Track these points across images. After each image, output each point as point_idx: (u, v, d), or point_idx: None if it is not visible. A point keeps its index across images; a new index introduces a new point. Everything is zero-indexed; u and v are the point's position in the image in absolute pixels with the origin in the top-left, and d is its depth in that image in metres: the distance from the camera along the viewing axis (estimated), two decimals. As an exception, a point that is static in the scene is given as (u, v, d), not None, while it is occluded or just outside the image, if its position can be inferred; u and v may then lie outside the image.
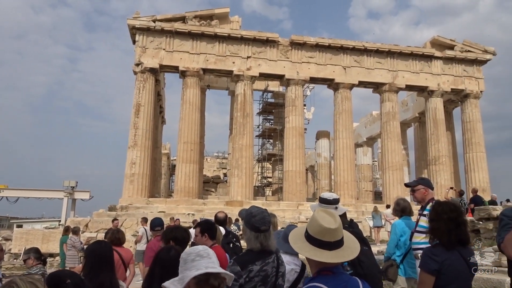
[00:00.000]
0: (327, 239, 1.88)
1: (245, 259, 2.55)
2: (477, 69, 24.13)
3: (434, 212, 2.74)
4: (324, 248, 1.88)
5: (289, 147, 21.55)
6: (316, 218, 1.94)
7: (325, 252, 1.88)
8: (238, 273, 2.42)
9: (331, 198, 3.47)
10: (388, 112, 22.83)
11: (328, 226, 1.89)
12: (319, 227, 1.90)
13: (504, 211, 2.60)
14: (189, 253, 1.82)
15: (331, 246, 1.89)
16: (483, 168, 23.10)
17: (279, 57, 21.90)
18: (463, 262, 2.55)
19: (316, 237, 1.90)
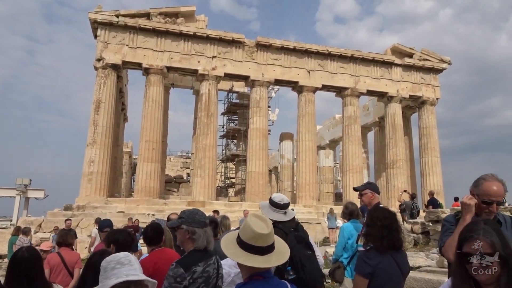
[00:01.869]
0: (259, 244, 1.90)
1: (188, 260, 2.54)
2: (433, 77, 25.16)
3: (369, 218, 2.85)
4: (256, 253, 1.90)
5: (252, 148, 21.63)
6: (249, 223, 1.95)
7: (257, 257, 1.89)
8: (182, 275, 2.41)
9: (281, 203, 3.45)
10: (350, 116, 23.38)
11: (260, 232, 1.91)
12: (252, 233, 1.92)
13: (446, 217, 2.68)
14: (109, 261, 1.79)
15: (263, 251, 1.91)
16: (438, 172, 24.11)
17: (245, 58, 21.95)
18: (395, 265, 2.67)
19: (248, 243, 1.91)
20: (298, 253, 3.07)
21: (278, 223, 3.44)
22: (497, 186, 2.38)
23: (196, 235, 2.61)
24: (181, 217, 2.72)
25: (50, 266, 4.78)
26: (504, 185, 2.43)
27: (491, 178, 2.42)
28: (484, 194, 2.39)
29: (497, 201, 2.37)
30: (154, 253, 3.37)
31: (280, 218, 3.41)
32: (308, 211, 20.95)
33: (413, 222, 11.12)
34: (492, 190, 2.36)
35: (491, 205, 2.37)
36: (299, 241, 3.23)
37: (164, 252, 3.24)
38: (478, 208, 2.43)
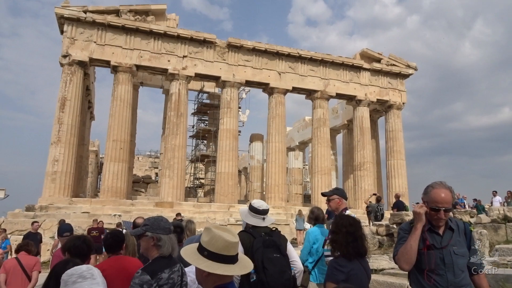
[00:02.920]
0: (232, 253, 1.93)
1: (154, 267, 2.51)
2: (400, 82, 25.89)
3: (334, 225, 2.89)
4: (229, 262, 1.92)
5: (222, 149, 21.56)
6: (219, 235, 1.97)
7: (231, 266, 1.92)
8: (148, 282, 2.39)
9: (260, 209, 3.51)
10: (319, 118, 23.70)
11: (232, 240, 1.94)
12: (225, 243, 1.93)
13: (402, 225, 2.70)
14: (70, 274, 1.74)
15: (234, 259, 1.95)
16: (403, 174, 24.82)
17: (216, 59, 21.85)
18: (364, 271, 2.73)
19: (221, 253, 1.92)
20: (261, 256, 3.10)
21: (249, 228, 3.47)
22: (444, 193, 2.41)
23: (161, 241, 2.60)
24: (146, 224, 2.69)
25: (6, 271, 4.67)
26: (452, 192, 2.46)
27: (439, 185, 2.46)
28: (432, 202, 2.43)
29: (445, 208, 2.40)
30: (108, 260, 3.29)
31: (258, 223, 3.47)
32: (277, 212, 21.07)
33: (378, 224, 11.39)
34: (439, 198, 2.40)
35: (439, 212, 2.40)
36: (268, 245, 3.25)
37: (119, 260, 3.15)
38: (429, 215, 2.47)
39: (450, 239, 2.47)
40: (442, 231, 2.50)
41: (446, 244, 2.45)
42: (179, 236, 4.09)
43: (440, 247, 2.45)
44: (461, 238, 2.51)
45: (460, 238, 2.51)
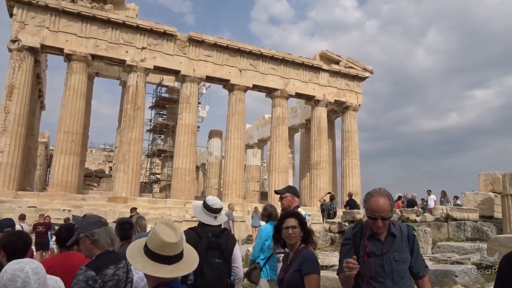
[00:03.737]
0: (167, 253, 1.82)
1: (98, 263, 2.43)
2: (357, 84, 26.64)
3: (280, 221, 2.91)
4: (164, 262, 1.82)
5: (180, 144, 21.25)
6: (157, 232, 1.86)
7: (164, 266, 1.82)
8: (93, 278, 2.31)
9: (214, 207, 3.42)
10: (278, 116, 23.92)
11: (169, 241, 1.83)
12: (160, 242, 1.82)
13: (346, 232, 2.62)
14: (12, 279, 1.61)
15: (171, 260, 1.84)
16: (356, 174, 25.58)
17: (176, 52, 21.47)
18: None
19: (156, 252, 1.83)
20: (202, 260, 3.04)
21: (198, 227, 3.41)
22: (382, 201, 2.33)
23: (96, 235, 2.54)
24: (76, 228, 2.64)
25: None
26: (391, 199, 2.40)
27: (377, 193, 2.39)
28: (370, 210, 2.37)
29: (381, 216, 2.32)
30: (57, 256, 3.14)
31: (209, 221, 3.38)
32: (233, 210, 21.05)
33: (331, 222, 11.67)
34: (376, 206, 2.33)
35: (376, 220, 2.33)
36: (212, 247, 3.20)
37: (69, 257, 3.01)
38: (369, 223, 2.42)
39: (391, 246, 2.40)
40: (384, 237, 2.42)
41: (387, 251, 2.39)
42: (128, 233, 3.97)
43: (381, 254, 2.38)
44: (404, 243, 2.44)
45: (403, 243, 2.44)
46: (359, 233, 2.49)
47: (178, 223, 17.53)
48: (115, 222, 4.53)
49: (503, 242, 5.98)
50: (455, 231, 10.01)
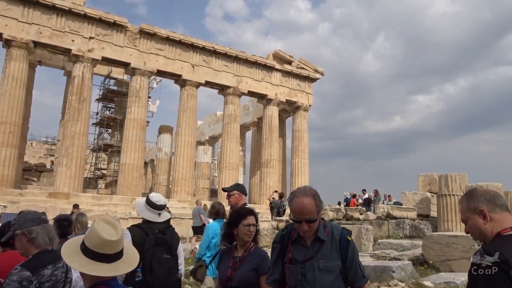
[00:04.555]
0: (107, 251, 1.76)
1: (35, 263, 2.30)
2: (308, 85, 27.22)
3: (237, 218, 2.89)
4: (103, 261, 1.75)
5: (128, 139, 20.64)
6: (96, 229, 1.79)
7: (103, 265, 1.75)
8: (28, 278, 2.17)
9: (158, 203, 3.36)
10: (230, 114, 23.90)
11: (109, 238, 1.76)
12: (99, 240, 1.75)
13: (276, 235, 2.38)
14: None
15: (111, 258, 1.77)
16: (305, 173, 26.16)
17: (126, 44, 20.79)
18: None
19: (94, 250, 1.75)
20: (151, 256, 3.00)
21: (143, 224, 3.34)
22: (307, 202, 2.07)
23: (33, 233, 2.40)
24: (13, 224, 2.48)
25: None
26: (317, 199, 2.11)
27: (301, 193, 2.12)
28: (293, 211, 2.11)
29: (306, 218, 2.06)
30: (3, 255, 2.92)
31: (153, 218, 3.33)
32: (182, 206, 20.80)
33: (279, 219, 11.85)
34: (299, 208, 2.07)
35: (301, 223, 2.07)
36: (159, 244, 3.16)
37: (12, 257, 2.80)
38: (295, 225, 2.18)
39: (317, 252, 2.11)
40: (310, 241, 2.14)
41: (311, 257, 2.11)
42: (66, 230, 3.81)
43: (303, 261, 2.11)
44: (334, 249, 2.13)
45: (333, 249, 2.12)
46: (287, 236, 2.25)
47: (124, 221, 17.02)
48: (54, 219, 4.33)
49: (437, 240, 6.37)
50: (394, 228, 10.53)
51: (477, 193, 1.74)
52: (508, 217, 1.67)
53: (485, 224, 1.66)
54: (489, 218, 1.65)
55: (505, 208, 1.68)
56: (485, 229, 1.66)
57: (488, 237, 1.65)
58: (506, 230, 1.62)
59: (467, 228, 1.75)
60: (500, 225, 1.64)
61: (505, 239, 1.59)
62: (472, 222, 1.70)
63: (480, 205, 1.69)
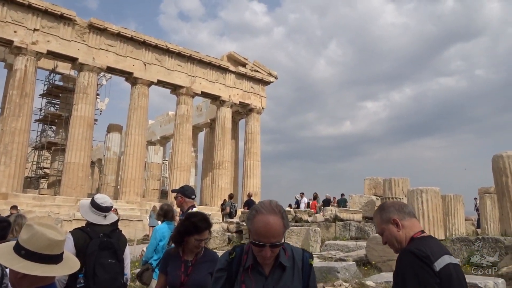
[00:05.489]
0: (56, 252, 1.75)
1: None
2: (262, 88, 27.49)
3: (193, 229, 2.81)
4: (51, 262, 1.73)
5: (74, 137, 19.76)
6: (42, 232, 1.76)
7: (53, 266, 1.73)
8: None
9: (103, 205, 3.22)
10: (183, 114, 23.59)
11: (57, 239, 1.75)
12: (48, 241, 1.72)
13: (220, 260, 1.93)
14: None
15: (58, 259, 1.76)
16: (257, 175, 26.37)
17: (74, 38, 19.93)
18: None
19: (43, 253, 1.71)
20: (94, 261, 2.88)
21: (87, 227, 3.20)
22: (273, 222, 1.64)
23: None
24: None
25: None
26: (285, 218, 1.69)
27: (267, 210, 1.67)
28: (255, 233, 1.66)
29: (271, 242, 1.63)
30: None
31: (98, 221, 3.18)
32: (131, 207, 20.23)
33: (229, 221, 11.85)
34: (263, 229, 1.63)
35: (263, 248, 1.64)
36: (104, 248, 3.04)
37: None
38: (252, 249, 1.72)
39: (278, 281, 1.74)
40: (270, 268, 1.76)
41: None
42: (5, 232, 3.57)
43: None
44: (296, 277, 1.78)
45: (294, 277, 1.77)
46: (236, 261, 1.79)
47: (67, 222, 16.29)
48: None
49: (379, 241, 6.64)
50: (341, 230, 10.89)
51: (388, 206, 1.91)
52: (416, 223, 1.87)
53: (398, 232, 1.82)
54: (401, 225, 1.82)
55: (412, 215, 1.87)
56: (400, 236, 1.82)
57: (403, 243, 1.81)
58: (417, 233, 1.81)
59: (384, 238, 1.89)
60: (412, 230, 1.81)
61: (420, 240, 1.77)
62: (387, 232, 1.85)
63: (391, 216, 1.84)
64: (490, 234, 10.86)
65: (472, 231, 13.36)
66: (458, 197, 11.53)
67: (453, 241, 7.81)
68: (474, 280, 5.18)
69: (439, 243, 1.83)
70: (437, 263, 1.66)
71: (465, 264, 7.11)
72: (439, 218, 9.35)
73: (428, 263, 1.63)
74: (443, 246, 1.85)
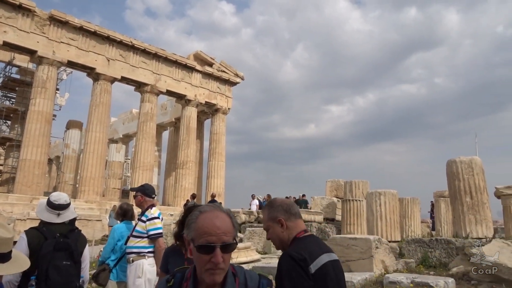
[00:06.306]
0: (3, 250, 1.71)
1: None
2: (228, 89, 27.45)
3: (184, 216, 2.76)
4: None
5: (31, 133, 18.95)
6: None
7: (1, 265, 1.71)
8: None
9: (56, 203, 3.09)
10: (146, 112, 23.16)
11: (4, 236, 1.71)
12: None
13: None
14: None
15: (5, 258, 1.73)
16: (221, 175, 26.29)
17: (34, 30, 19.12)
18: None
19: None
20: (47, 262, 2.76)
21: (43, 226, 3.06)
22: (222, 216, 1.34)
23: None
24: None
25: None
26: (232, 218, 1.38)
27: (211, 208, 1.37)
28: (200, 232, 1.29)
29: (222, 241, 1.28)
30: None
31: (51, 219, 3.05)
32: (90, 207, 19.63)
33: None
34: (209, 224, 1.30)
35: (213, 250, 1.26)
36: (60, 249, 2.91)
37: None
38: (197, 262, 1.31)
39: None
40: None
41: None
42: None
43: None
44: None
45: None
46: None
47: (21, 222, 15.58)
48: None
49: (339, 242, 6.81)
50: (303, 231, 11.03)
51: (276, 204, 1.96)
52: (300, 223, 1.95)
53: (282, 232, 1.90)
54: (286, 226, 1.90)
55: (298, 216, 1.95)
56: (283, 236, 1.90)
57: (286, 243, 1.90)
58: (300, 233, 1.90)
59: (268, 235, 1.98)
60: (295, 230, 1.89)
61: (301, 241, 1.85)
62: (272, 230, 1.93)
63: (278, 215, 1.91)
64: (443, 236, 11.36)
65: (427, 233, 13.93)
66: (415, 200, 12.00)
67: (408, 242, 8.11)
68: (427, 279, 5.41)
69: (319, 242, 1.93)
70: (313, 264, 1.73)
71: (419, 265, 7.41)
72: (396, 220, 9.69)
73: (303, 266, 1.71)
74: (323, 244, 1.94)
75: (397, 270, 6.84)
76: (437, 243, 7.66)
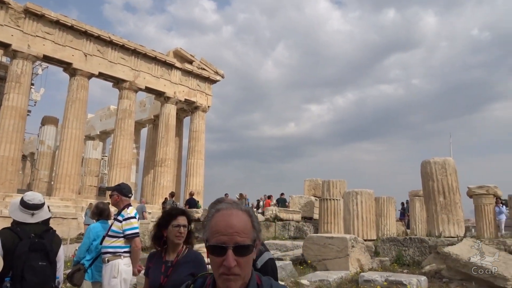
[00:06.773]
0: None
1: None
2: (208, 86, 27.32)
3: (167, 218, 2.74)
4: None
5: (4, 128, 18.43)
6: None
7: None
8: None
9: (29, 203, 3.03)
10: (125, 109, 22.83)
11: None
12: None
13: None
14: None
15: None
16: (201, 173, 26.17)
17: (8, 23, 18.58)
18: None
19: None
20: (23, 263, 2.71)
21: (17, 226, 2.99)
22: (240, 215, 1.17)
23: None
24: None
25: None
26: (254, 218, 1.21)
27: (229, 205, 1.20)
28: (214, 231, 1.15)
29: (235, 241, 1.12)
30: None
31: (24, 219, 2.99)
32: (65, 205, 19.25)
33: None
34: (223, 222, 1.14)
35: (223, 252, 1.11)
36: (35, 249, 2.86)
37: None
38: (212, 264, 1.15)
39: None
40: None
41: None
42: None
43: None
44: None
45: None
46: None
47: (-8, 220, 15.14)
48: None
49: (316, 241, 6.90)
50: (281, 230, 11.13)
51: None
52: None
53: None
54: None
55: None
56: None
57: None
58: None
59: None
60: None
61: None
62: None
63: None
64: (418, 234, 11.64)
65: (402, 232, 14.23)
66: (390, 199, 12.24)
67: (383, 241, 8.27)
68: (400, 278, 5.54)
69: None
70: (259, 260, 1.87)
71: (394, 263, 7.57)
72: (372, 219, 9.87)
73: None
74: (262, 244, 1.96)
75: (372, 268, 6.98)
76: (411, 242, 7.84)
